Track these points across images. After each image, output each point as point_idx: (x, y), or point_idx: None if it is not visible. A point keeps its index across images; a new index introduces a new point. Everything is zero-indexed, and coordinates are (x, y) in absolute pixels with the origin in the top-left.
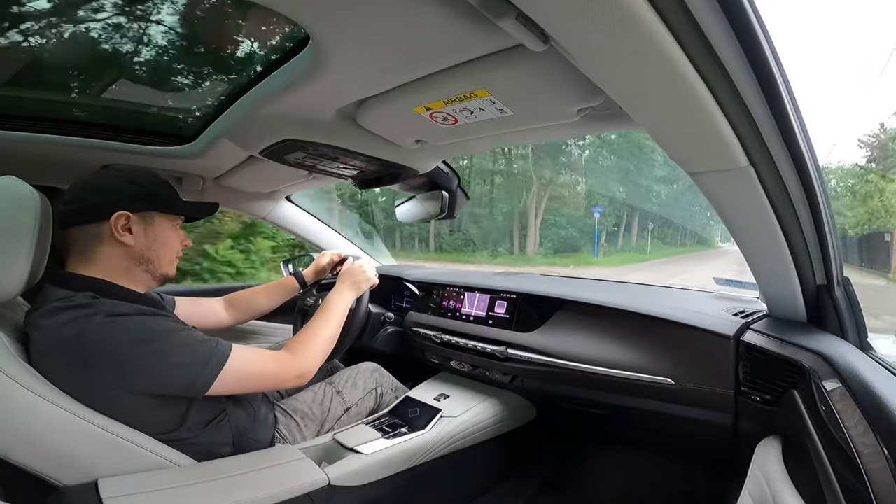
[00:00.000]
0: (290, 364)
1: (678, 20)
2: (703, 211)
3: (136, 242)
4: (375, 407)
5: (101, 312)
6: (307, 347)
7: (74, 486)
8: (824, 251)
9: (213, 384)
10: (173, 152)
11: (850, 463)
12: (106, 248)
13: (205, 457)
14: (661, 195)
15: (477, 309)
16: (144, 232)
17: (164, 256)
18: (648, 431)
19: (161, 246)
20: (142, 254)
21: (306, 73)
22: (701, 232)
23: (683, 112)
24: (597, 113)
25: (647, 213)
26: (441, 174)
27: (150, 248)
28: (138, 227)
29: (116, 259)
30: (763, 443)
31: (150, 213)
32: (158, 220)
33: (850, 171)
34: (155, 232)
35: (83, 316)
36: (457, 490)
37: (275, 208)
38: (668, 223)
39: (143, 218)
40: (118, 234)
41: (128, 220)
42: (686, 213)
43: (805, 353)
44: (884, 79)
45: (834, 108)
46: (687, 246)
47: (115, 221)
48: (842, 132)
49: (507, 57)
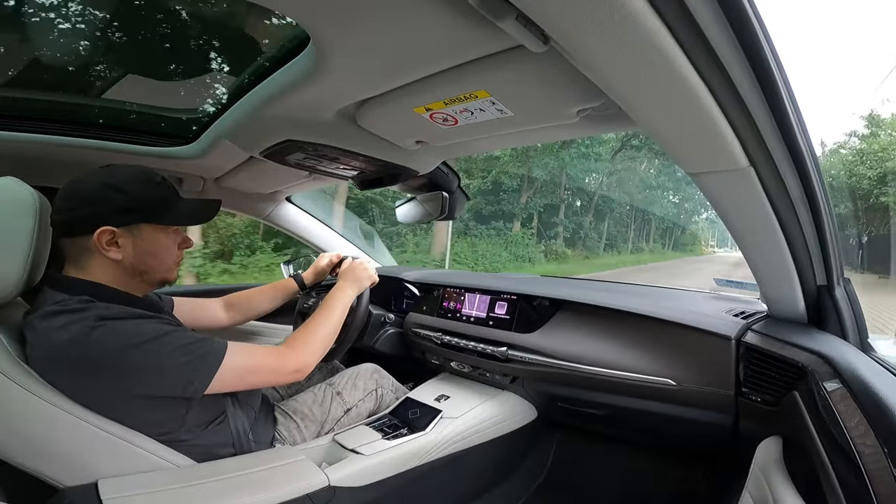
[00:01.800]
0: (287, 358)
1: (678, 21)
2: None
3: (124, 256)
4: (375, 408)
5: (93, 316)
6: (306, 343)
7: (75, 488)
8: (825, 251)
9: (210, 383)
10: (174, 153)
11: (851, 463)
12: (95, 260)
13: (205, 458)
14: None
15: (477, 310)
16: (133, 245)
17: (159, 266)
18: (649, 432)
19: (153, 257)
20: (133, 267)
21: (307, 73)
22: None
23: (683, 113)
24: (597, 114)
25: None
26: (441, 175)
27: (141, 260)
28: (125, 240)
29: (107, 270)
30: (764, 443)
31: (139, 224)
32: (148, 231)
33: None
34: (145, 245)
35: (77, 320)
36: (457, 491)
37: (275, 209)
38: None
39: (131, 231)
40: (103, 249)
41: (113, 235)
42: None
43: (806, 354)
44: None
45: (833, 108)
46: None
47: (99, 238)
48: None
49: (507, 58)
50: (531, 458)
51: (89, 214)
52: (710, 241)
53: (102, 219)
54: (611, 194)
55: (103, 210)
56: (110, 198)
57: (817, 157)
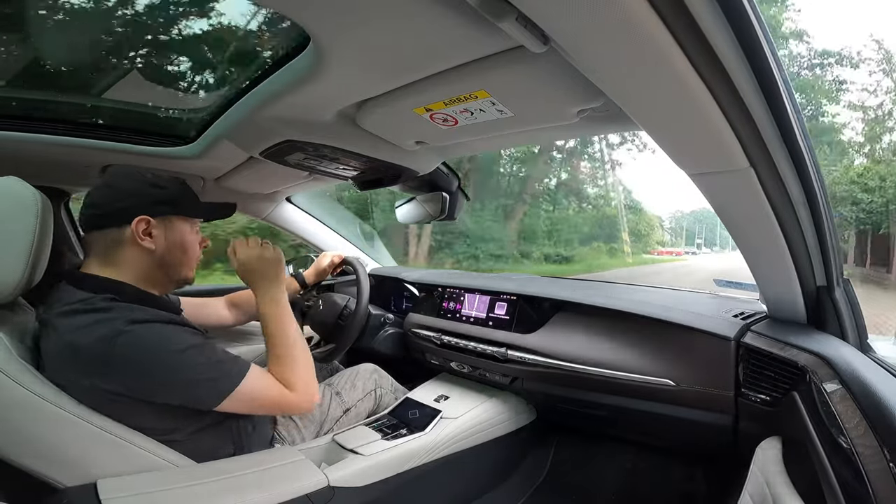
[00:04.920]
0: (298, 401)
1: (678, 21)
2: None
3: (156, 247)
4: (375, 408)
5: (122, 318)
6: (299, 377)
7: (74, 488)
8: (824, 252)
9: (220, 404)
10: (173, 153)
11: (851, 464)
12: (127, 252)
13: (204, 457)
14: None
15: (477, 310)
16: (165, 236)
17: (185, 260)
18: (648, 433)
19: (181, 250)
20: (162, 258)
21: (306, 74)
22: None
23: (683, 114)
24: (597, 114)
25: None
26: (441, 175)
27: (170, 252)
28: (158, 231)
29: (137, 263)
30: (763, 444)
31: (170, 217)
32: (178, 223)
33: None
34: (175, 236)
35: (104, 320)
36: (457, 491)
37: (275, 209)
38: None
39: (163, 222)
40: (139, 238)
41: (148, 224)
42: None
43: (805, 355)
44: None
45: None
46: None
47: (137, 226)
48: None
49: (507, 58)
50: (530, 458)
51: (130, 205)
52: (665, 238)
53: (140, 209)
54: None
55: (143, 201)
56: (147, 192)
57: (817, 157)
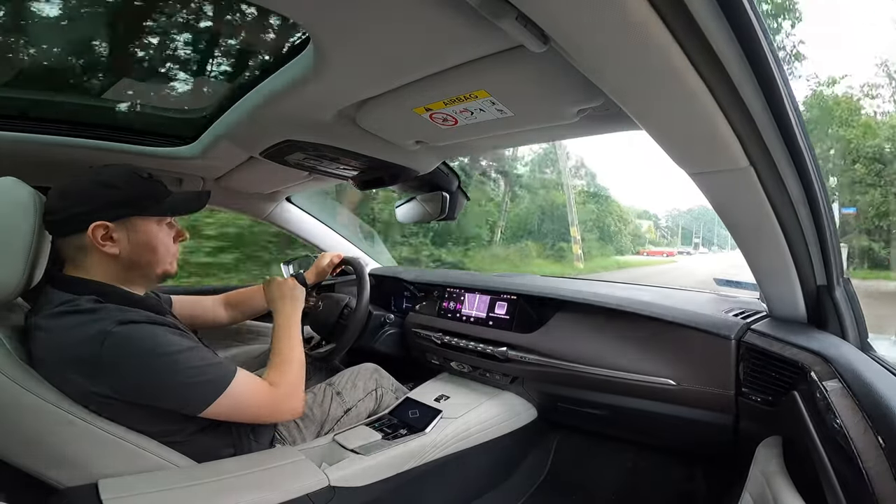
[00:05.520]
0: (285, 405)
1: (678, 21)
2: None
3: (121, 250)
4: (375, 408)
5: (109, 319)
6: (290, 384)
7: (75, 488)
8: (825, 251)
9: (206, 409)
10: (173, 153)
11: (851, 463)
12: (93, 257)
13: (205, 458)
14: None
15: (477, 310)
16: (128, 238)
17: (156, 259)
18: (649, 432)
19: (149, 250)
20: (130, 260)
21: (306, 74)
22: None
23: (683, 113)
24: (597, 114)
25: None
26: (441, 175)
27: (137, 253)
28: (120, 234)
29: (105, 267)
30: (764, 443)
31: (131, 218)
32: (141, 223)
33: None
34: (139, 237)
35: (90, 321)
36: (457, 491)
37: (275, 209)
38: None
39: (125, 224)
40: (99, 244)
41: (107, 229)
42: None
43: (805, 354)
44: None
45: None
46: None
47: (94, 233)
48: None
49: (506, 58)
50: (531, 458)
51: (82, 212)
52: (653, 236)
53: (95, 214)
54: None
55: (96, 206)
56: (101, 194)
57: (817, 157)
